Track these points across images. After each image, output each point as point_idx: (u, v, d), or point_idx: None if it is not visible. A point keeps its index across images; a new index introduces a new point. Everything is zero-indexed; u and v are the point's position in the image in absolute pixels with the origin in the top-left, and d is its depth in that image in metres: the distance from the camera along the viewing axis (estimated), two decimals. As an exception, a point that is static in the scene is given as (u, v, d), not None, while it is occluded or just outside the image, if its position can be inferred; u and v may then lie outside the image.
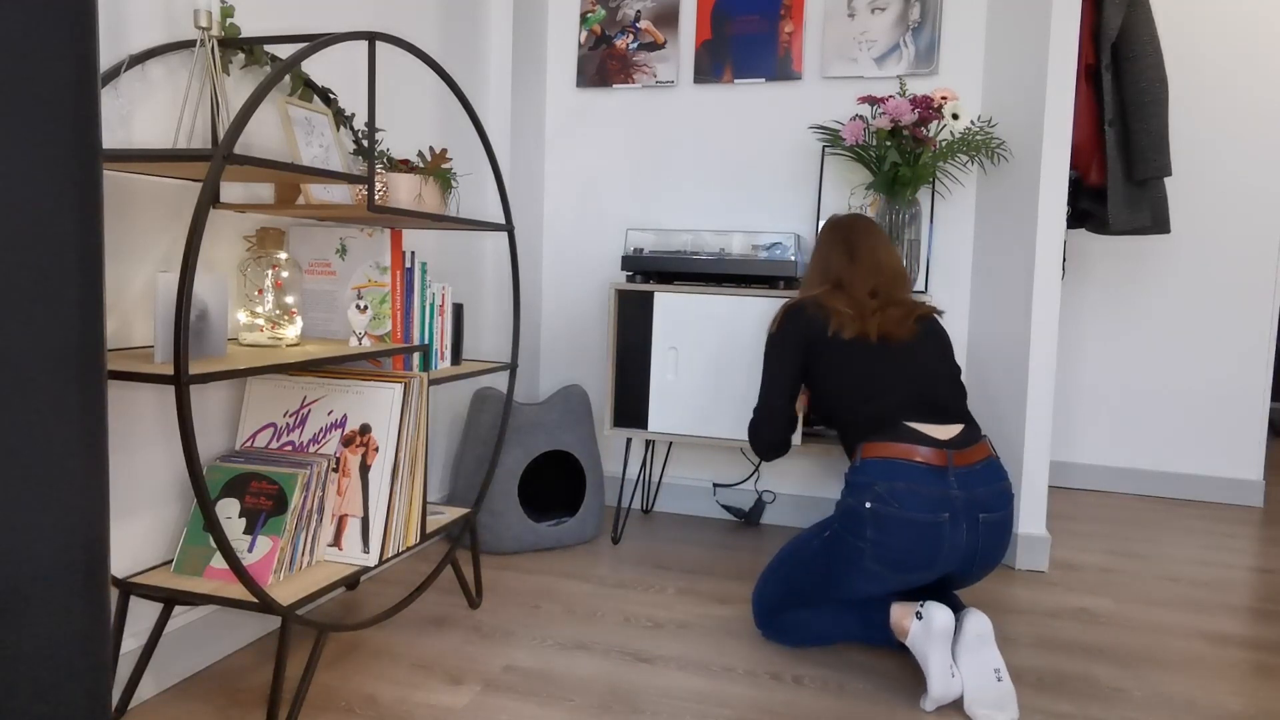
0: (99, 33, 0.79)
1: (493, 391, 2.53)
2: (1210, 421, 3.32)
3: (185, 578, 1.53)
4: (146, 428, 1.57)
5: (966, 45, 2.61)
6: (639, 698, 1.65)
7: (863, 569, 1.69)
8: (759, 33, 2.74)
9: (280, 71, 1.35)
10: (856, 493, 1.71)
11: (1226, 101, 3.22)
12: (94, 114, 0.78)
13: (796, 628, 1.85)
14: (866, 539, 1.67)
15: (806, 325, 1.91)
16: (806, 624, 1.84)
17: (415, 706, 1.59)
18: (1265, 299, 3.24)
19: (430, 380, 1.80)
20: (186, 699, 1.59)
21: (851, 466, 1.76)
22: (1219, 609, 2.18)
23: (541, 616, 2.01)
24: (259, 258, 1.67)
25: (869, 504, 1.67)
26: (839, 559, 1.73)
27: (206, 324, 1.42)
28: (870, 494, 1.68)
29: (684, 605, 2.10)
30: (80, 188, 0.78)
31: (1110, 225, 2.75)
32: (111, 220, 1.47)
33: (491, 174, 2.04)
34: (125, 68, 1.45)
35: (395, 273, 1.80)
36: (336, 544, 1.69)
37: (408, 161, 1.90)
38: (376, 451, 1.70)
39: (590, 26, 2.89)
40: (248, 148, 1.73)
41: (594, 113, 2.92)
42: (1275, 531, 2.92)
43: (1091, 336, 3.41)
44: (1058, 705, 1.66)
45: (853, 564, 1.71)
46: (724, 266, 2.45)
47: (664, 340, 2.45)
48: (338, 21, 2.02)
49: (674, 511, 2.92)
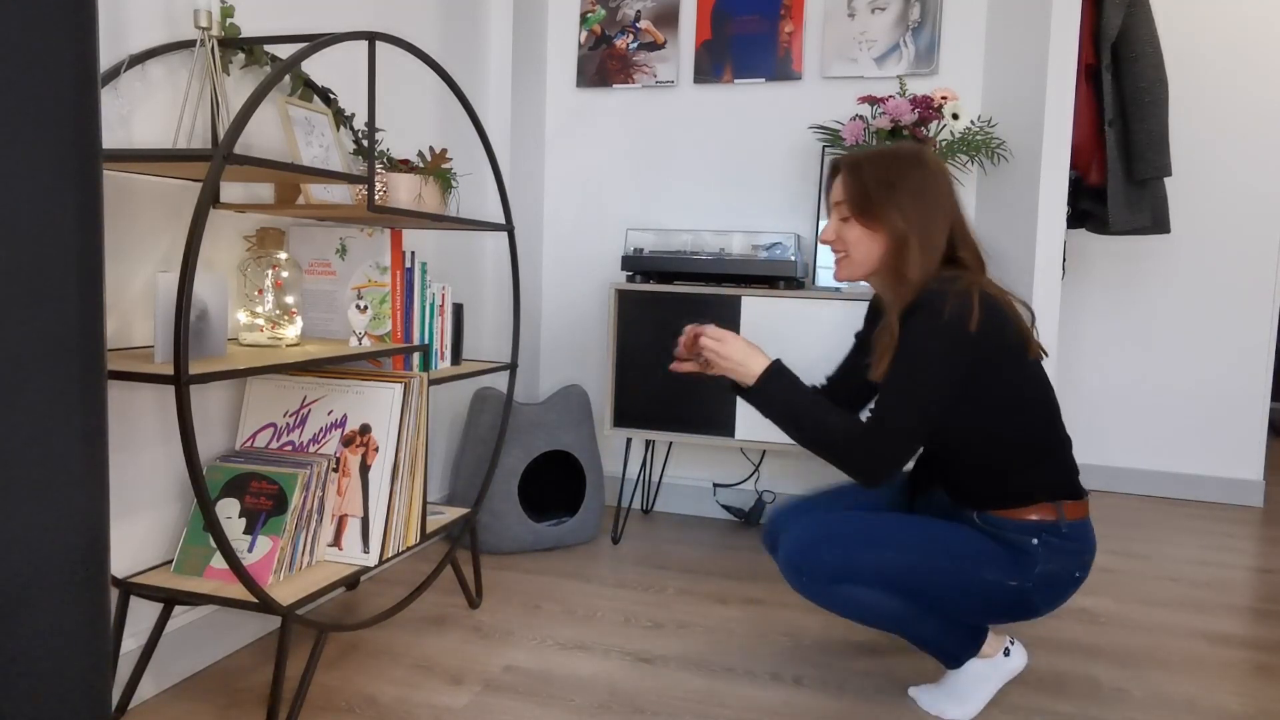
0: (99, 33, 0.79)
1: (493, 391, 2.53)
2: (1210, 421, 3.32)
3: (185, 578, 1.53)
4: (146, 428, 1.57)
5: (966, 45, 2.61)
6: (639, 698, 1.65)
7: (1016, 614, 1.53)
8: (759, 33, 2.74)
9: (280, 71, 1.35)
10: (1066, 560, 1.50)
11: (1226, 101, 3.22)
12: (94, 114, 0.78)
13: (859, 604, 1.52)
14: (1052, 602, 1.53)
15: (1003, 327, 1.45)
16: (876, 606, 1.52)
17: (415, 706, 1.59)
18: (1265, 299, 3.24)
19: (430, 380, 1.80)
20: (186, 699, 1.59)
21: (1055, 527, 1.50)
22: (1219, 609, 2.18)
23: (541, 616, 2.01)
24: (259, 258, 1.67)
25: (1078, 574, 1.51)
26: (1007, 604, 1.51)
27: (206, 324, 1.42)
28: (1081, 563, 1.51)
29: (684, 605, 2.10)
30: (80, 188, 0.77)
31: (1110, 225, 2.75)
32: (111, 220, 1.47)
33: (491, 174, 2.04)
34: (125, 68, 1.45)
35: (395, 273, 1.80)
36: (336, 544, 1.69)
37: (408, 161, 1.90)
38: (376, 451, 1.70)
39: (590, 26, 2.89)
40: (248, 148, 1.73)
41: (594, 113, 2.92)
42: (1275, 531, 2.92)
43: (1091, 336, 3.41)
44: (1058, 705, 1.66)
45: (1015, 609, 1.52)
46: (724, 266, 2.44)
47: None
48: (338, 21, 2.02)
49: (674, 511, 2.92)
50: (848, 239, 1.55)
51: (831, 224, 1.59)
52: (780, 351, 2.37)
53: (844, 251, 1.57)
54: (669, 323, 2.45)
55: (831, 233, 1.59)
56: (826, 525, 1.53)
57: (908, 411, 1.43)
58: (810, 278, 2.69)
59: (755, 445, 2.44)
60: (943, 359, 1.41)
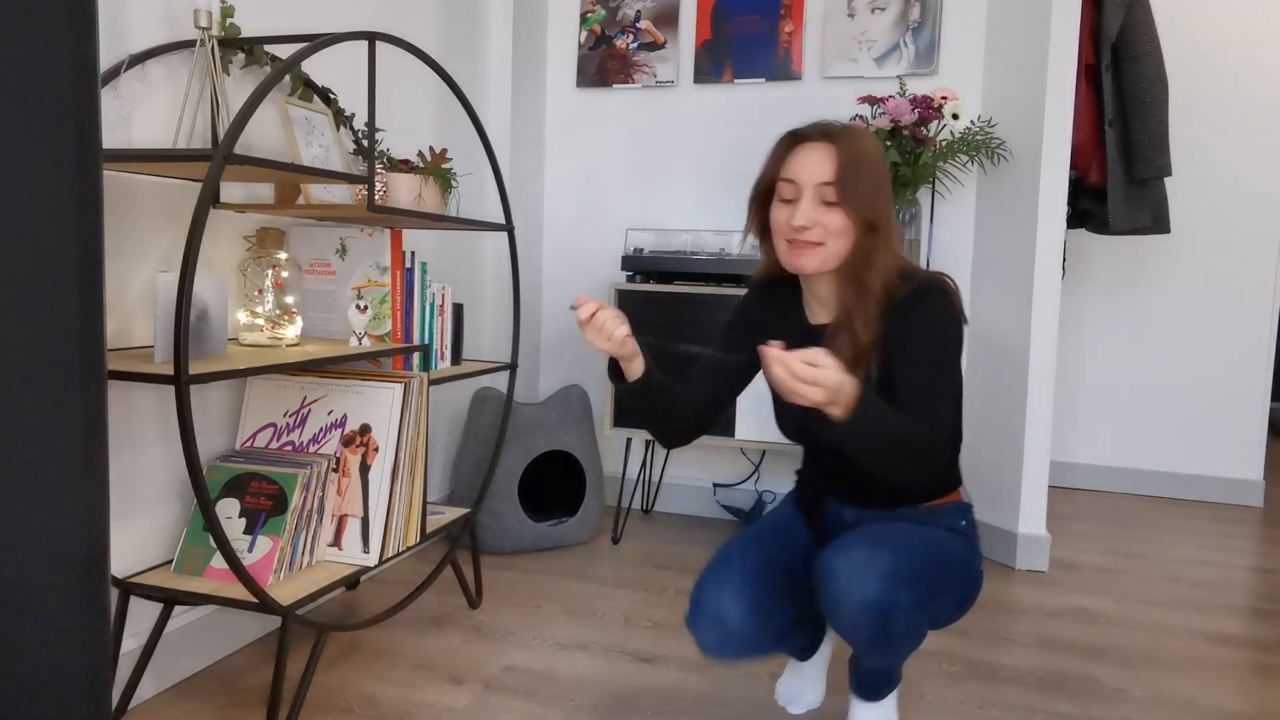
0: (99, 33, 0.79)
1: (493, 391, 2.53)
2: (1210, 421, 3.32)
3: (185, 578, 1.53)
4: (146, 428, 1.57)
5: (966, 45, 2.61)
6: (639, 698, 1.65)
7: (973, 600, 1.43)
8: (759, 33, 2.74)
9: (280, 71, 1.35)
10: (976, 537, 1.46)
11: (1226, 101, 3.22)
12: (94, 114, 0.78)
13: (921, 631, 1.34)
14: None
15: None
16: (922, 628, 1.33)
17: (415, 706, 1.59)
18: (1265, 299, 3.24)
19: (430, 380, 1.80)
20: (186, 699, 1.59)
21: (968, 506, 1.46)
22: (1219, 609, 2.18)
23: (541, 616, 2.01)
24: (259, 258, 1.67)
25: (980, 551, 1.47)
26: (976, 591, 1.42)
27: (206, 324, 1.42)
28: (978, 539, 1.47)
29: (684, 605, 2.10)
30: (80, 188, 0.77)
31: (1110, 225, 2.75)
32: (111, 220, 1.47)
33: (491, 174, 2.04)
34: (125, 68, 1.45)
35: (395, 273, 1.80)
36: (336, 544, 1.69)
37: (408, 161, 1.90)
38: (376, 451, 1.70)
39: (590, 26, 2.88)
40: (248, 148, 1.73)
41: (594, 113, 2.92)
42: (1275, 531, 2.92)
43: (1091, 336, 3.41)
44: (1058, 705, 1.66)
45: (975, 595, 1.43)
46: (724, 266, 2.44)
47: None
48: (338, 21, 2.02)
49: (674, 511, 2.92)
50: (829, 227, 1.30)
51: (807, 207, 1.31)
52: (780, 351, 2.37)
53: (820, 241, 1.31)
54: (669, 322, 2.45)
55: (809, 217, 1.30)
56: (856, 560, 1.24)
57: (948, 396, 1.32)
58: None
59: (755, 445, 2.44)
60: (953, 350, 1.32)
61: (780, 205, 1.36)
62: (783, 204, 1.35)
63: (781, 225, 1.35)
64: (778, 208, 1.36)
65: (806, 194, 1.32)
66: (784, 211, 1.35)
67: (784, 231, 1.35)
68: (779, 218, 1.36)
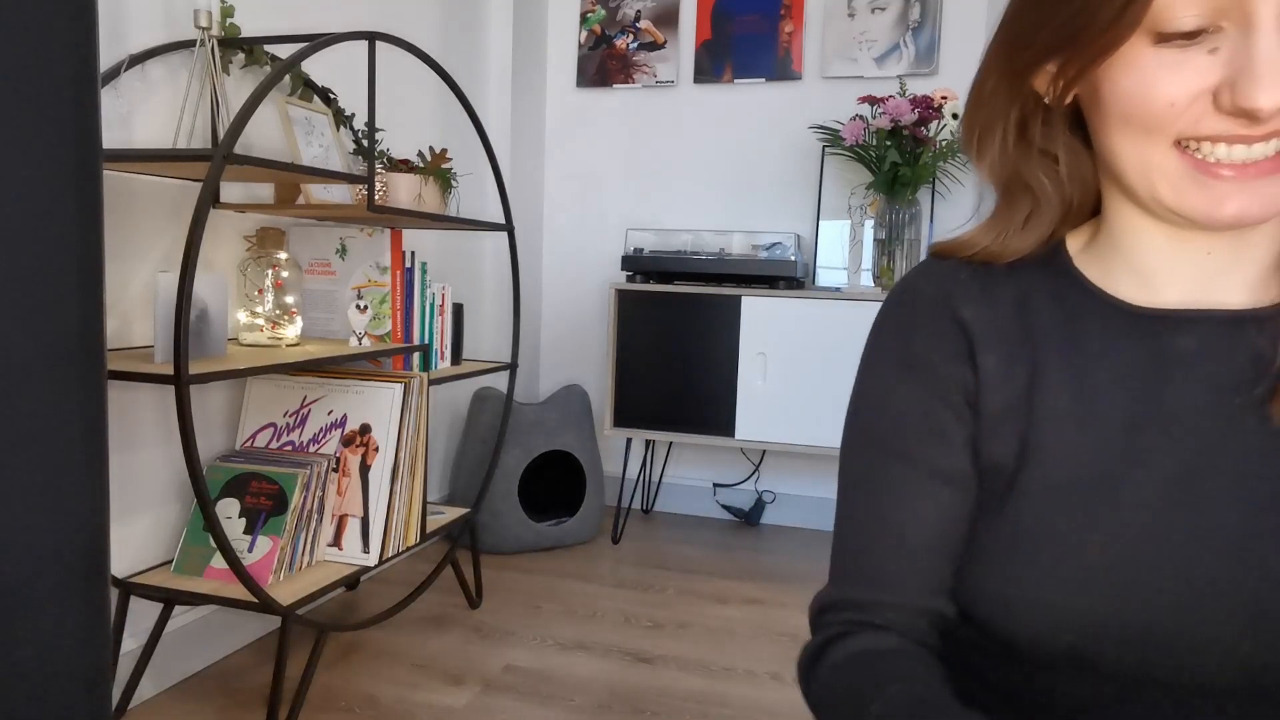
0: (99, 33, 0.79)
1: (493, 391, 2.53)
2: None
3: (185, 578, 1.53)
4: (146, 428, 1.57)
5: (966, 45, 2.60)
6: (639, 698, 1.65)
7: None
8: (759, 32, 2.74)
9: (280, 71, 1.35)
10: None
11: (1226, 101, 3.22)
12: (94, 114, 0.78)
13: None
14: None
15: None
16: None
17: (415, 706, 1.59)
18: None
19: (430, 380, 1.80)
20: (186, 699, 1.59)
21: None
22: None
23: (541, 616, 2.01)
24: (259, 258, 1.67)
25: None
26: None
27: (206, 324, 1.42)
28: None
29: (684, 605, 2.10)
30: (80, 188, 0.77)
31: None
32: (111, 220, 1.47)
33: (491, 174, 2.04)
34: (125, 68, 1.45)
35: (395, 273, 1.80)
36: (336, 544, 1.69)
37: (408, 161, 1.90)
38: (376, 451, 1.70)
39: (590, 26, 2.89)
40: (248, 148, 1.73)
41: (594, 113, 2.92)
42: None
43: (1091, 336, 3.41)
44: (1058, 705, 1.66)
45: None
46: (724, 266, 2.44)
47: (751, 346, 2.39)
48: (338, 21, 2.02)
49: (674, 511, 2.92)
50: None
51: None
52: (780, 351, 2.37)
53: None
54: (669, 323, 2.45)
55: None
56: None
57: None
58: (810, 278, 2.68)
59: (755, 445, 2.44)
60: None
61: (1144, 64, 0.51)
62: (1162, 56, 0.50)
63: (1180, 104, 0.50)
64: (1133, 71, 0.51)
65: (1267, 25, 0.47)
66: (1177, 76, 0.50)
67: (1193, 119, 0.51)
68: (1158, 92, 0.51)
